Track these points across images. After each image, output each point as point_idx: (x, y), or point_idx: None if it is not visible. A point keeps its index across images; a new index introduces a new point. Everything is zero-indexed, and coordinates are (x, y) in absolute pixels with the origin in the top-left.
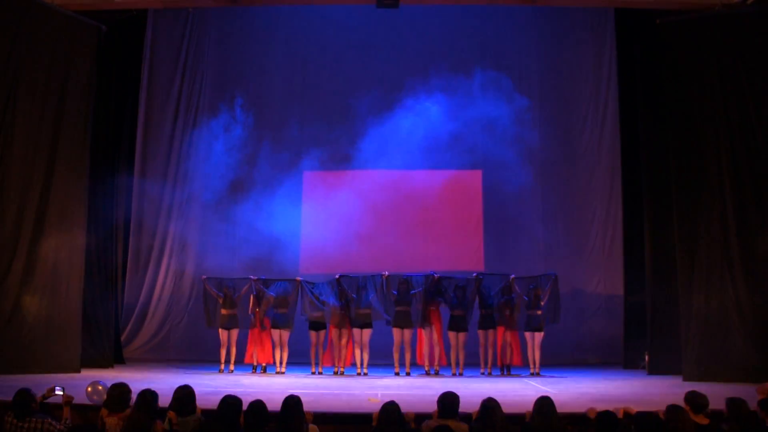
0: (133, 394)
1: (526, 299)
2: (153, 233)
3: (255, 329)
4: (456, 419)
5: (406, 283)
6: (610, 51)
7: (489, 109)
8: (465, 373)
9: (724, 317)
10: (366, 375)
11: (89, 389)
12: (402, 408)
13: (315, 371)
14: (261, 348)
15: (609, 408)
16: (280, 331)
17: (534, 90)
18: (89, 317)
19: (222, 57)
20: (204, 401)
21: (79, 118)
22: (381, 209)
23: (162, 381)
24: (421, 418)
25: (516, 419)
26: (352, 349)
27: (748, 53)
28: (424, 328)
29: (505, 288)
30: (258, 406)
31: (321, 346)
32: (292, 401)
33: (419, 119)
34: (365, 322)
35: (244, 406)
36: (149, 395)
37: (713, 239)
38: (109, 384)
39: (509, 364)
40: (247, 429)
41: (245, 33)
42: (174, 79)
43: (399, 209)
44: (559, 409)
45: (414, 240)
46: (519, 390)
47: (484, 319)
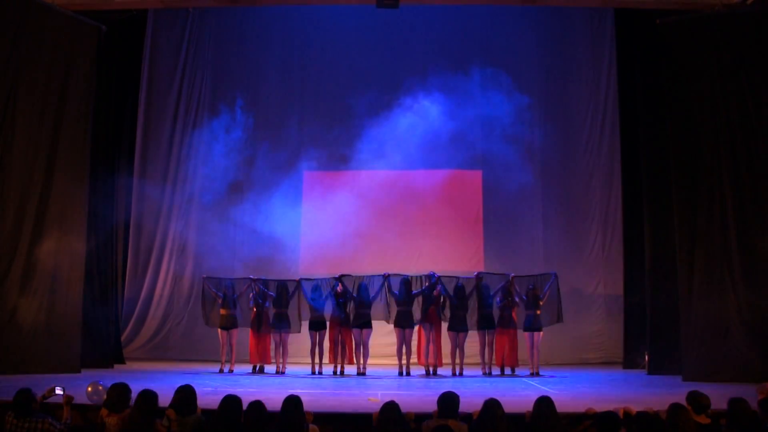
0: (133, 394)
1: (525, 299)
2: (153, 233)
3: (254, 330)
4: (456, 419)
5: (407, 283)
6: (610, 51)
7: (489, 109)
8: (465, 373)
9: (724, 317)
10: (365, 375)
11: (89, 389)
12: (402, 408)
13: (315, 371)
14: (260, 348)
15: (609, 408)
16: (280, 331)
17: (534, 90)
18: (89, 317)
19: (222, 57)
20: (204, 401)
21: (79, 118)
22: (381, 209)
23: (162, 381)
24: (421, 418)
25: (516, 419)
26: (352, 349)
27: (748, 53)
28: (423, 326)
29: (505, 288)
30: (257, 406)
31: (321, 346)
32: (292, 401)
33: (419, 119)
34: (365, 321)
35: (244, 405)
36: (149, 395)
37: (713, 239)
38: (109, 384)
39: (513, 365)
40: (247, 429)
41: (245, 33)
42: (174, 79)
43: (399, 209)
44: (559, 409)
45: (414, 240)
46: (519, 390)
47: (483, 319)
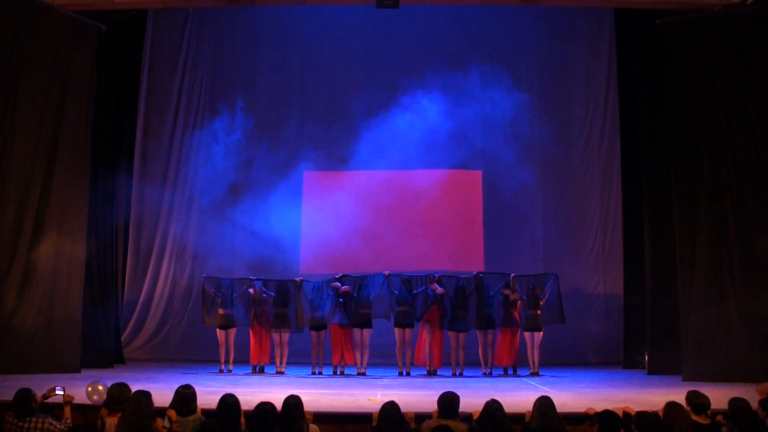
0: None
1: (525, 299)
2: (153, 233)
3: (254, 329)
4: (456, 419)
5: (407, 283)
6: (610, 51)
7: (489, 109)
8: (465, 373)
9: (723, 317)
10: (366, 375)
11: (89, 389)
12: (402, 408)
13: (315, 371)
14: (260, 348)
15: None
16: (280, 331)
17: (534, 90)
18: (89, 317)
19: (221, 57)
20: (204, 401)
21: (79, 118)
22: (381, 209)
23: (162, 381)
24: (421, 418)
25: (516, 419)
26: (351, 351)
27: (747, 53)
28: (425, 326)
29: (505, 287)
30: (267, 408)
31: (321, 346)
32: (292, 401)
33: (418, 118)
34: (365, 321)
35: (244, 405)
36: (142, 395)
37: (713, 239)
38: (109, 384)
39: (514, 365)
40: (253, 430)
41: (245, 33)
42: (174, 79)
43: (399, 209)
44: (559, 409)
45: (414, 240)
46: (519, 390)
47: (483, 319)
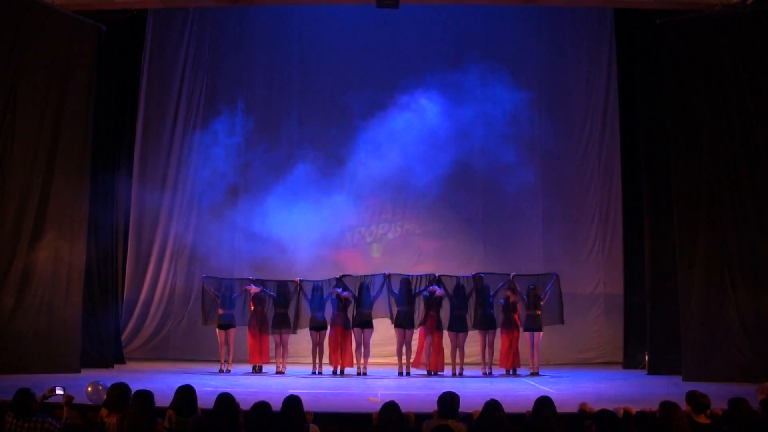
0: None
1: (525, 299)
2: (153, 233)
3: (254, 330)
4: (456, 419)
5: (407, 283)
6: (610, 51)
7: (489, 109)
8: (465, 373)
9: (723, 317)
10: (366, 375)
11: (89, 389)
12: (402, 408)
13: (315, 371)
14: (259, 348)
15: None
16: (280, 332)
17: (534, 90)
18: (89, 317)
19: (221, 57)
20: (204, 401)
21: (80, 118)
22: (381, 209)
23: (162, 381)
24: (421, 418)
25: (516, 419)
26: (351, 353)
27: (748, 53)
28: (425, 329)
29: (507, 288)
30: (262, 407)
31: (321, 346)
32: (292, 401)
33: (418, 118)
34: (366, 321)
35: (243, 405)
36: (145, 395)
37: (713, 239)
38: (109, 384)
39: (515, 367)
40: (250, 429)
41: (244, 33)
42: (174, 79)
43: (399, 209)
44: (559, 409)
45: (414, 240)
46: (519, 390)
47: (483, 319)
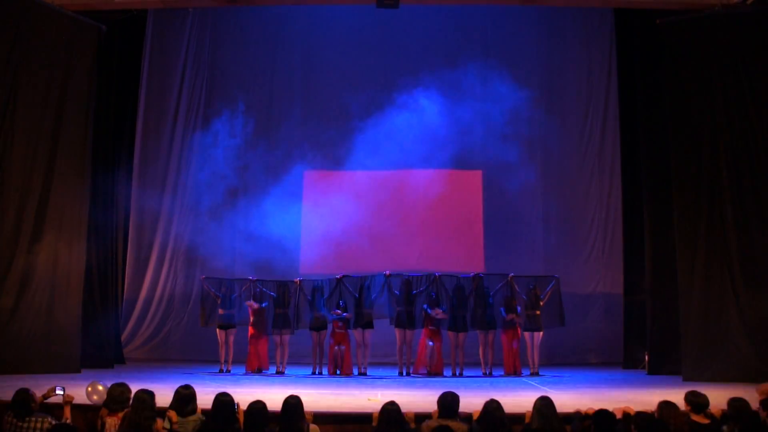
0: (133, 394)
1: (524, 299)
2: (153, 234)
3: (254, 330)
4: (456, 419)
5: (407, 284)
6: (610, 51)
7: (489, 109)
8: (465, 373)
9: (724, 317)
10: (366, 375)
11: (89, 389)
12: (402, 408)
13: (315, 371)
14: (257, 356)
15: (609, 408)
16: (280, 332)
17: (534, 89)
18: (89, 317)
19: (222, 57)
20: (204, 401)
21: (79, 118)
22: (381, 209)
23: (162, 381)
24: (421, 418)
25: (516, 419)
26: (350, 361)
27: (748, 53)
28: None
29: (505, 287)
30: (258, 406)
31: (321, 346)
32: (292, 401)
33: (418, 118)
34: (367, 321)
35: (243, 405)
36: (145, 395)
37: (713, 239)
38: (109, 384)
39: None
40: (248, 429)
41: (244, 33)
42: (174, 80)
43: (399, 209)
44: (559, 409)
45: (414, 240)
46: (519, 390)
47: (483, 319)
